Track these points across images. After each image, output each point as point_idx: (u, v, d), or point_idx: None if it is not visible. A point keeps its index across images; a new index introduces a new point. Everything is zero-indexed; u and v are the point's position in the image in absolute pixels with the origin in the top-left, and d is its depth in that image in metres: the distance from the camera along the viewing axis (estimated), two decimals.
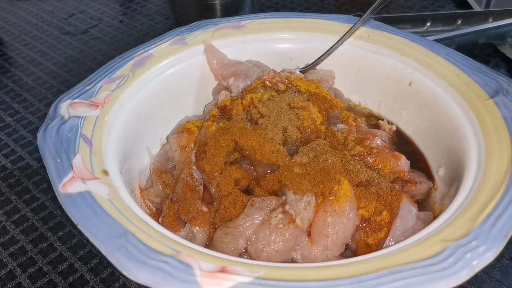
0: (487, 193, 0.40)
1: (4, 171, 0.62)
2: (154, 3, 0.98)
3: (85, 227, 0.37)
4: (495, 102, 0.48)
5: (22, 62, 0.82)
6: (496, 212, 0.38)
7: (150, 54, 0.57)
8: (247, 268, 0.35)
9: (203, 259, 0.35)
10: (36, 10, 0.97)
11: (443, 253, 0.35)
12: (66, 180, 0.41)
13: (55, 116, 0.48)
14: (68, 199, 0.39)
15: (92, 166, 0.43)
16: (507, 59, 0.75)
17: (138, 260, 0.35)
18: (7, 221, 0.56)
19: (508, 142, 0.44)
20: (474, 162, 0.44)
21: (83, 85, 0.52)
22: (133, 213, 0.40)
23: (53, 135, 0.45)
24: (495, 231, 0.36)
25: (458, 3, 0.93)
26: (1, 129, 0.69)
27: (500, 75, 0.50)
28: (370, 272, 0.34)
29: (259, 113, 0.50)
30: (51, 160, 0.43)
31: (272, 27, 0.60)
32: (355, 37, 0.59)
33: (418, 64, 0.55)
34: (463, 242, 0.36)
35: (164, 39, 0.58)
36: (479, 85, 0.50)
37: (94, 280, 0.49)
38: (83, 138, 0.46)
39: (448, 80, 0.52)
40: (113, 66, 0.54)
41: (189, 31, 0.60)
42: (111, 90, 0.52)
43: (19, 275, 0.50)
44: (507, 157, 0.42)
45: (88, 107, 0.49)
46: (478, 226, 0.37)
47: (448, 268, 0.34)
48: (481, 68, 0.52)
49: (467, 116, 0.48)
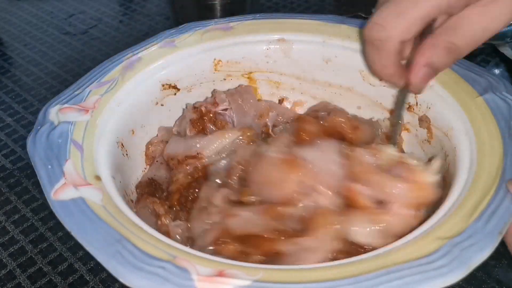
0: (480, 190, 0.40)
1: (4, 171, 0.63)
2: (154, 3, 0.98)
3: (80, 234, 0.37)
4: (484, 100, 0.48)
5: (22, 62, 0.83)
6: (490, 208, 0.38)
7: (139, 57, 0.56)
8: (245, 271, 0.35)
9: (200, 263, 0.35)
10: (36, 11, 0.97)
11: (439, 251, 0.35)
12: (58, 187, 0.40)
13: (44, 122, 0.47)
14: (60, 206, 0.39)
15: (84, 172, 0.43)
16: (507, 59, 0.75)
17: (135, 266, 0.34)
18: (7, 221, 0.56)
19: (499, 139, 0.44)
20: (466, 159, 0.44)
21: (72, 89, 0.51)
22: (128, 219, 0.39)
23: (43, 141, 0.45)
24: (489, 227, 0.36)
25: None
26: (1, 129, 0.70)
27: (489, 73, 0.51)
28: (368, 272, 0.34)
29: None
30: (42, 167, 0.42)
31: (261, 28, 0.60)
32: (344, 37, 0.59)
33: None
34: (459, 239, 0.36)
35: (153, 42, 0.58)
36: (468, 83, 0.50)
37: (94, 280, 0.49)
38: (73, 143, 0.45)
39: (437, 79, 0.52)
40: (102, 70, 0.54)
41: (178, 34, 0.59)
42: (100, 94, 0.51)
43: (18, 275, 0.51)
44: (499, 154, 0.43)
45: (78, 112, 0.49)
46: (472, 223, 0.37)
47: (445, 266, 0.34)
48: (470, 66, 0.52)
49: (457, 114, 0.49)
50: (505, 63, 0.76)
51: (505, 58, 0.76)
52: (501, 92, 0.48)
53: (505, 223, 0.37)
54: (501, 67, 0.76)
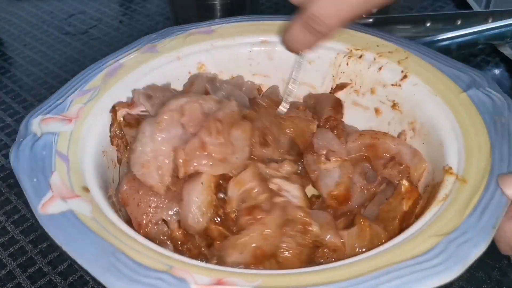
0: (471, 186, 0.40)
1: (4, 171, 0.62)
2: (154, 3, 0.98)
3: (71, 248, 0.36)
4: (468, 96, 0.49)
5: (22, 62, 0.83)
6: (481, 203, 0.38)
7: (121, 64, 0.55)
8: (244, 278, 0.34)
9: (198, 272, 0.35)
10: (36, 11, 0.97)
11: (435, 248, 0.35)
12: (45, 200, 0.39)
13: (26, 133, 0.46)
14: (49, 220, 0.38)
15: (72, 184, 0.42)
16: (507, 59, 0.76)
17: (131, 279, 0.34)
18: (7, 221, 0.56)
19: (485, 134, 0.45)
20: (454, 155, 0.45)
21: (54, 99, 0.50)
22: (120, 230, 0.38)
23: (26, 153, 0.43)
24: (483, 222, 0.37)
25: (458, 3, 0.95)
26: (1, 129, 0.69)
27: (471, 69, 0.52)
28: (366, 273, 0.34)
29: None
30: (27, 181, 0.41)
31: (243, 30, 0.60)
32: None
33: (391, 62, 0.55)
34: (453, 236, 0.36)
35: (134, 48, 0.57)
36: (452, 80, 0.51)
37: (94, 280, 0.49)
38: (58, 155, 0.44)
39: (422, 77, 0.52)
40: (84, 77, 0.53)
41: (159, 38, 0.59)
42: (83, 103, 0.50)
43: (18, 276, 0.50)
44: (486, 149, 0.43)
45: (61, 122, 0.47)
46: (466, 219, 0.37)
47: (441, 263, 0.34)
48: (452, 63, 0.53)
49: (442, 110, 0.49)
50: (505, 63, 0.77)
51: (505, 58, 0.77)
52: (485, 87, 0.49)
53: (498, 218, 0.37)
54: (501, 67, 0.77)
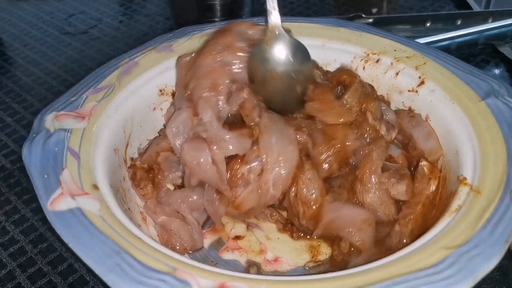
0: (485, 197, 0.39)
1: (4, 171, 0.62)
2: (154, 3, 0.98)
3: (77, 246, 0.36)
4: (487, 104, 0.48)
5: (22, 62, 0.83)
6: (495, 216, 0.37)
7: (136, 62, 0.55)
8: (247, 283, 0.34)
9: (201, 276, 0.34)
10: (36, 11, 0.97)
11: (446, 261, 0.35)
12: (54, 197, 0.39)
13: (40, 129, 0.46)
14: (57, 217, 0.38)
15: (81, 181, 0.42)
16: (507, 59, 0.75)
17: (134, 280, 0.34)
18: (7, 221, 0.56)
19: (503, 144, 0.43)
20: (469, 164, 0.44)
21: (68, 96, 0.50)
22: (126, 230, 0.38)
23: (38, 150, 0.44)
24: (495, 236, 0.36)
25: (458, 4, 0.93)
26: (1, 129, 0.69)
27: (490, 77, 0.50)
28: (375, 283, 0.33)
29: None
30: (38, 177, 0.41)
31: None
32: (344, 40, 0.59)
33: (409, 67, 0.54)
34: (465, 249, 0.35)
35: (150, 47, 0.57)
36: (470, 87, 0.50)
37: (94, 280, 0.49)
38: (70, 151, 0.44)
39: (439, 83, 0.51)
40: (99, 75, 0.53)
41: (175, 38, 0.59)
42: (97, 100, 0.50)
43: (18, 276, 0.50)
44: (503, 160, 0.42)
45: (74, 119, 0.48)
46: (478, 232, 0.36)
47: (451, 276, 0.33)
48: (471, 70, 0.52)
49: (460, 118, 0.48)
50: (505, 63, 0.76)
51: (505, 58, 0.75)
52: (504, 96, 0.48)
53: (511, 232, 0.36)
54: (501, 67, 0.75)
